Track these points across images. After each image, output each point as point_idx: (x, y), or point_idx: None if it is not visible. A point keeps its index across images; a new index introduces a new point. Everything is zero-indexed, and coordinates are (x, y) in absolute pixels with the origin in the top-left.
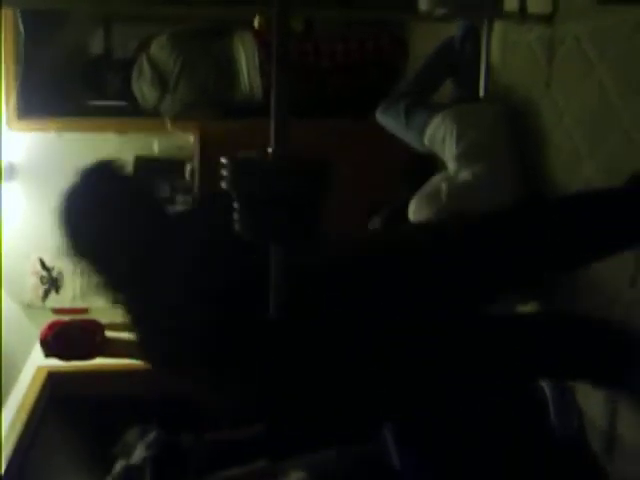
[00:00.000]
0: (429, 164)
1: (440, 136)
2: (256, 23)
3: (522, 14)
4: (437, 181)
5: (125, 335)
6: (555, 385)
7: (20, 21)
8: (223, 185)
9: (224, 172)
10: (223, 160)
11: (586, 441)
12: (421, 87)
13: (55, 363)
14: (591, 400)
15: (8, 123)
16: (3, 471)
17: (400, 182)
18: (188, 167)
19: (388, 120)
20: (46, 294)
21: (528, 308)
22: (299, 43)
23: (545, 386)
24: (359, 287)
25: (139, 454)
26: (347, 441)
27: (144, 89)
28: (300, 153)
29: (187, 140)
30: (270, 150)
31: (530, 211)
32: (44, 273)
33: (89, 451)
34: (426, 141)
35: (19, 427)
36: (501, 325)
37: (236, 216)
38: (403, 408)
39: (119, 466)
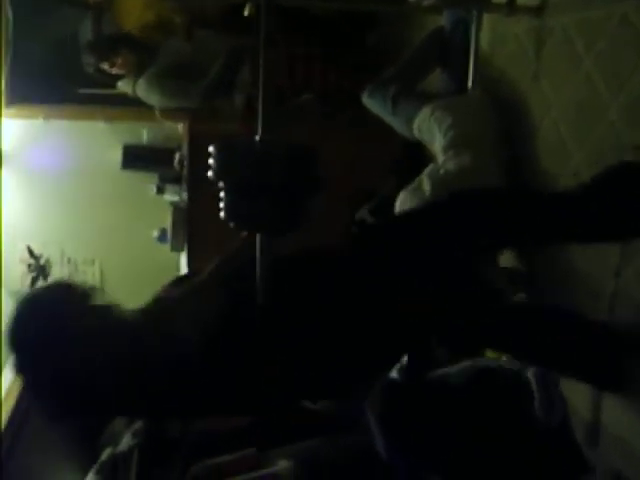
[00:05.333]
0: (419, 156)
1: (429, 127)
2: (246, 11)
3: (511, 6)
4: (423, 174)
5: None
6: (540, 376)
7: (9, 8)
8: (210, 174)
9: (211, 160)
10: (211, 148)
11: (570, 431)
12: (409, 75)
13: None
14: (575, 390)
15: None
16: None
17: (390, 173)
18: (177, 156)
19: (374, 104)
20: (34, 282)
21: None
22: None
23: (530, 376)
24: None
25: (126, 442)
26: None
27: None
28: (286, 141)
29: (176, 129)
30: (257, 138)
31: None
32: (32, 261)
33: (76, 440)
34: (415, 131)
35: (5, 416)
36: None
37: (223, 204)
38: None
39: (106, 454)
